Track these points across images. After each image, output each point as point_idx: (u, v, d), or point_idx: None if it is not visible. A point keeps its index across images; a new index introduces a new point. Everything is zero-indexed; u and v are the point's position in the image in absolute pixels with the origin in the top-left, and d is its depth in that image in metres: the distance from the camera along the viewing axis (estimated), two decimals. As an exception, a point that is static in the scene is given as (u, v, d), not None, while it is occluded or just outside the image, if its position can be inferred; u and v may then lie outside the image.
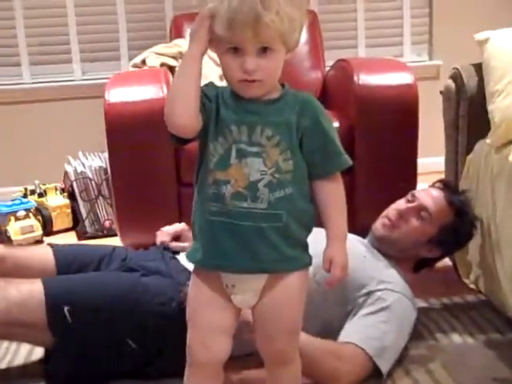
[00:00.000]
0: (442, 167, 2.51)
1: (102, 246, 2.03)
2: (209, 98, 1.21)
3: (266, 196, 1.19)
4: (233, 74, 1.16)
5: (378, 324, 1.62)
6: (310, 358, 1.47)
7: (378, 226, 1.85)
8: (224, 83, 1.99)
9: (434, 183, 1.95)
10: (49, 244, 1.92)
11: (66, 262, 1.83)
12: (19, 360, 1.78)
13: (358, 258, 1.74)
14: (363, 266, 1.73)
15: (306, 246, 1.27)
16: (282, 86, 1.23)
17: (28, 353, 1.81)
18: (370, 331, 1.60)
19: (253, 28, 1.11)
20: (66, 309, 1.59)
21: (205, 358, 1.25)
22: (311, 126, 1.20)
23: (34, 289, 1.62)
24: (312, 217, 1.25)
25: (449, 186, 1.94)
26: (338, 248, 1.23)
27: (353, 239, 1.85)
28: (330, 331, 1.66)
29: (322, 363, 1.52)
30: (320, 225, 1.26)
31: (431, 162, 3.23)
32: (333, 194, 1.25)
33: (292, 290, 1.24)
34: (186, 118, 1.18)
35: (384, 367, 1.59)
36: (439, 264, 1.96)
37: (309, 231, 1.26)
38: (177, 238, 1.93)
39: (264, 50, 1.14)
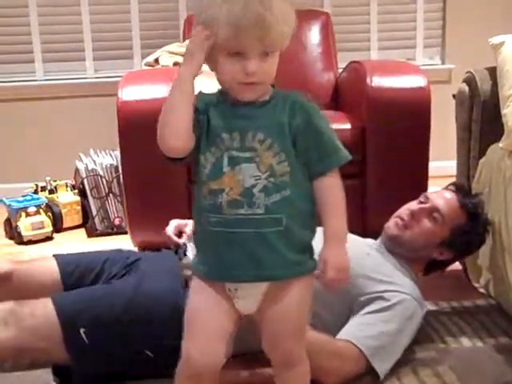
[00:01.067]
0: (453, 171, 2.51)
1: (106, 250, 2.00)
2: (200, 111, 1.20)
3: (261, 201, 1.17)
4: (233, 76, 1.16)
5: (377, 323, 1.61)
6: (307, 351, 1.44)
7: (391, 225, 1.85)
8: None
9: (447, 186, 1.94)
10: (53, 255, 1.89)
11: (70, 267, 1.81)
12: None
13: (360, 255, 1.74)
14: (365, 263, 1.72)
15: (310, 250, 1.25)
16: (272, 86, 1.23)
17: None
18: (368, 330, 1.60)
19: (258, 33, 1.11)
20: (82, 331, 1.57)
21: (203, 365, 1.22)
22: (303, 124, 1.19)
23: (48, 313, 1.59)
24: (314, 218, 1.23)
25: (462, 188, 1.94)
26: (334, 248, 1.20)
27: (358, 239, 1.85)
28: (332, 328, 1.65)
29: (317, 357, 1.48)
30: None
31: (442, 166, 3.23)
32: (330, 193, 1.22)
33: (295, 296, 1.22)
34: (178, 141, 1.18)
35: (380, 367, 1.58)
36: (449, 268, 1.95)
37: (313, 233, 1.24)
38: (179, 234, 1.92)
39: (266, 54, 1.15)
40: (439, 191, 1.92)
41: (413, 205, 1.86)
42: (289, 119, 1.19)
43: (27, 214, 2.93)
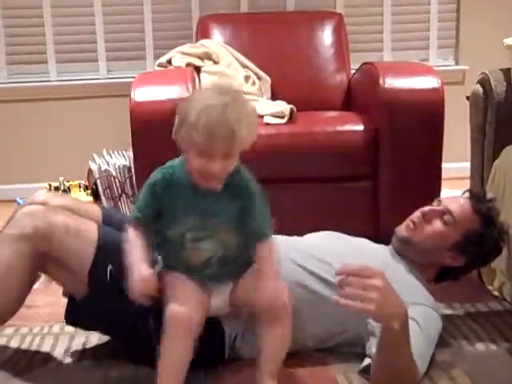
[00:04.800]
0: (467, 173, 2.49)
1: None
2: (158, 190, 1.45)
3: (217, 269, 1.49)
4: (199, 170, 1.37)
5: (418, 341, 1.55)
6: (404, 366, 1.49)
7: (402, 227, 1.84)
8: (249, 85, 2.09)
9: (462, 193, 1.92)
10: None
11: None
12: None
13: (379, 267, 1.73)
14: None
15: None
16: None
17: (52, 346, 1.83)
18: (414, 348, 1.53)
19: (228, 143, 1.33)
20: (109, 268, 1.61)
21: (187, 321, 1.40)
22: (247, 206, 1.45)
23: (90, 237, 1.64)
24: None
25: (476, 195, 1.91)
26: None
27: (371, 248, 1.84)
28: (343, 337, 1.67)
29: (406, 374, 1.51)
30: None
31: (455, 167, 3.21)
32: (263, 255, 1.47)
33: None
34: None
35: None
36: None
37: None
38: None
39: (227, 156, 1.36)
40: (453, 196, 1.90)
41: (425, 208, 1.85)
42: (239, 204, 1.44)
43: (40, 214, 2.93)
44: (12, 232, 1.62)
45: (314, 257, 1.73)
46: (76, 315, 1.72)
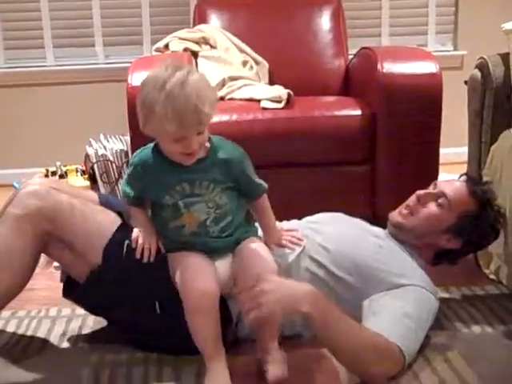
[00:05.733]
0: (464, 158, 2.50)
1: None
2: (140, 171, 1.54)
3: (214, 228, 1.56)
4: (177, 153, 1.46)
5: (403, 319, 1.58)
6: (354, 346, 1.48)
7: (395, 213, 1.84)
8: (246, 69, 2.21)
9: (459, 177, 1.92)
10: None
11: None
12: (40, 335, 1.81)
13: (374, 249, 1.74)
14: (379, 257, 1.72)
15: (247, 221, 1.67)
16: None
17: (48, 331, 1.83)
18: (398, 327, 1.56)
19: (197, 122, 1.41)
20: (126, 242, 1.62)
21: (205, 296, 1.48)
22: (237, 173, 1.56)
23: (98, 209, 1.69)
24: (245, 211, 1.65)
25: (472, 178, 1.92)
26: (272, 233, 1.70)
27: (367, 230, 1.85)
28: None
29: (366, 359, 1.50)
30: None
31: (453, 153, 3.21)
32: (262, 209, 1.67)
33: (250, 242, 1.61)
34: None
35: (407, 362, 1.57)
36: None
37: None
38: None
39: (200, 132, 1.44)
40: (449, 180, 1.91)
41: (421, 191, 1.85)
42: (224, 169, 1.54)
43: (37, 199, 2.93)
44: (16, 211, 1.61)
45: (314, 242, 1.74)
46: (78, 296, 1.71)
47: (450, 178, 2.10)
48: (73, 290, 1.71)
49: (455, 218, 1.78)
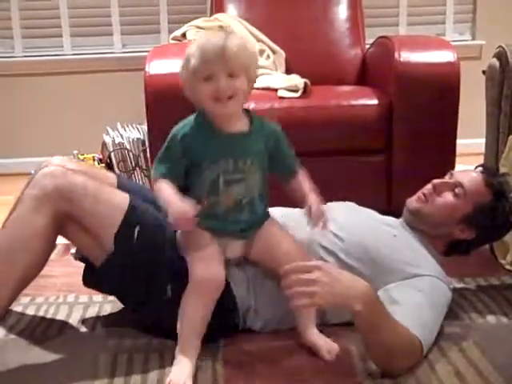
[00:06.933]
0: (481, 149, 2.48)
1: None
2: (179, 156, 1.51)
3: (247, 209, 1.56)
4: (208, 95, 1.46)
5: (422, 310, 1.58)
6: (391, 344, 1.48)
7: (413, 199, 1.84)
8: (263, 58, 2.21)
9: (475, 168, 1.92)
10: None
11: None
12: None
13: (388, 239, 1.74)
14: (393, 246, 1.72)
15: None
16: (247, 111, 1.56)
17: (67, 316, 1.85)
18: (418, 318, 1.56)
19: (223, 59, 1.43)
20: (136, 229, 1.63)
21: (212, 283, 1.52)
22: (274, 148, 1.58)
23: (120, 200, 1.66)
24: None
25: (489, 169, 1.91)
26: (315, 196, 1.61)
27: (380, 220, 1.85)
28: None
29: (396, 351, 1.50)
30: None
31: (470, 143, 3.19)
32: (302, 182, 1.63)
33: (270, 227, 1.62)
34: None
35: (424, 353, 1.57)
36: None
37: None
38: None
39: (231, 75, 1.45)
40: (466, 170, 1.90)
41: (437, 180, 1.84)
42: (265, 144, 1.56)
43: (55, 187, 2.95)
44: (34, 192, 1.62)
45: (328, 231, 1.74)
46: (95, 280, 1.73)
47: (466, 169, 2.09)
48: (91, 277, 1.74)
49: (470, 209, 1.78)
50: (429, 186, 1.83)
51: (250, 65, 1.49)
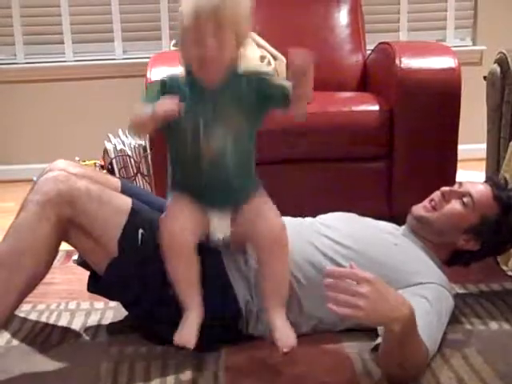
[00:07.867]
0: (483, 155, 2.48)
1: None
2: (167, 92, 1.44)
3: (232, 161, 1.48)
4: (195, 57, 1.41)
5: (426, 318, 1.56)
6: (412, 360, 1.48)
7: (419, 206, 1.83)
8: (265, 65, 2.18)
9: (484, 181, 1.91)
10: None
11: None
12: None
13: (389, 247, 1.74)
14: (394, 255, 1.72)
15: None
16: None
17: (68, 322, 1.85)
18: (424, 326, 1.53)
19: (212, 17, 1.38)
20: (140, 232, 1.63)
21: (180, 239, 1.48)
22: (260, 88, 1.48)
23: (122, 203, 1.66)
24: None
25: (498, 182, 1.90)
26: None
27: (382, 229, 1.84)
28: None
29: (411, 364, 1.50)
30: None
31: (471, 149, 3.20)
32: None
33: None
34: None
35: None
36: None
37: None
38: None
39: (217, 35, 1.39)
40: (474, 181, 1.89)
41: (446, 188, 1.84)
42: (248, 90, 1.47)
43: (57, 194, 2.95)
44: (36, 198, 1.61)
45: (329, 238, 1.74)
46: (99, 285, 1.72)
47: (468, 175, 2.09)
48: (95, 283, 1.73)
49: (477, 219, 1.77)
50: (438, 193, 1.83)
51: (241, 18, 1.45)
